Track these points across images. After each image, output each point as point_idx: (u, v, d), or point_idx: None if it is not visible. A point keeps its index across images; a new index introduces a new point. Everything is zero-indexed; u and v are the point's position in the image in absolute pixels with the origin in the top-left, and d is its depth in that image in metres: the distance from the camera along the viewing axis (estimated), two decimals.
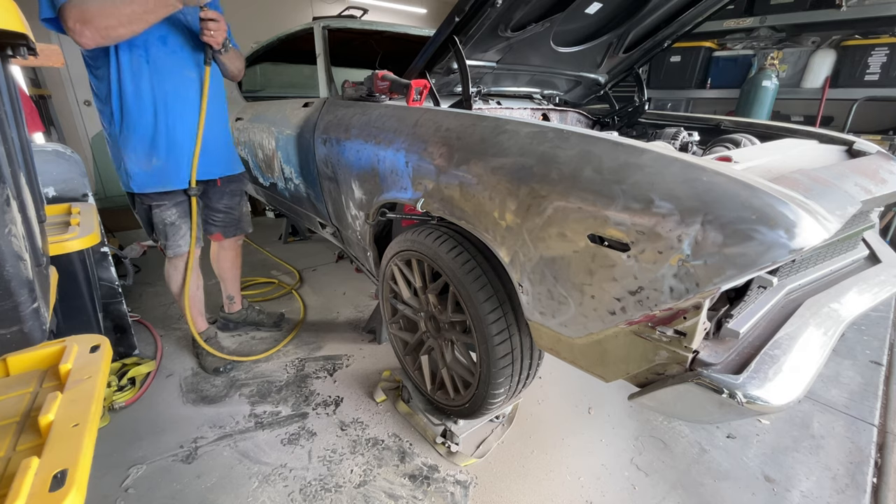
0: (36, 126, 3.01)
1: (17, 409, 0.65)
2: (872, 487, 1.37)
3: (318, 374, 1.88)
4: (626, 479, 1.39)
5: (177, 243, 1.72)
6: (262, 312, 2.27)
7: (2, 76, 0.66)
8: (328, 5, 5.40)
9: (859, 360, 1.99)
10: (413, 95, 1.47)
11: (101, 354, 0.76)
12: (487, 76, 1.92)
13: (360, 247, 1.80)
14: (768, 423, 1.61)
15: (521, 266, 1.02)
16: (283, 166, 2.14)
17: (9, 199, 0.56)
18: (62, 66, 2.66)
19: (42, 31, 3.77)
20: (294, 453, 1.46)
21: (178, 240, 1.71)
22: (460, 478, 1.38)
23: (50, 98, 3.94)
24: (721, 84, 3.91)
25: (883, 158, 1.32)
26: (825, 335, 0.90)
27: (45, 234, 0.87)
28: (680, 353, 0.81)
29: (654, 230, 0.78)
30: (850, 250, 1.28)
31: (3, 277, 0.55)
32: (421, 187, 1.27)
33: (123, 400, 1.66)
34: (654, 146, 0.90)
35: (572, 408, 1.69)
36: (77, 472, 0.51)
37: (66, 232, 1.32)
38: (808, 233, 0.70)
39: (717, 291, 0.74)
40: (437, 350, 1.49)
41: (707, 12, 1.88)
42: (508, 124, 1.11)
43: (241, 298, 2.23)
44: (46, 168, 1.58)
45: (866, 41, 3.22)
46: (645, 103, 2.25)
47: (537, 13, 1.55)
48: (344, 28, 2.04)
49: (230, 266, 2.09)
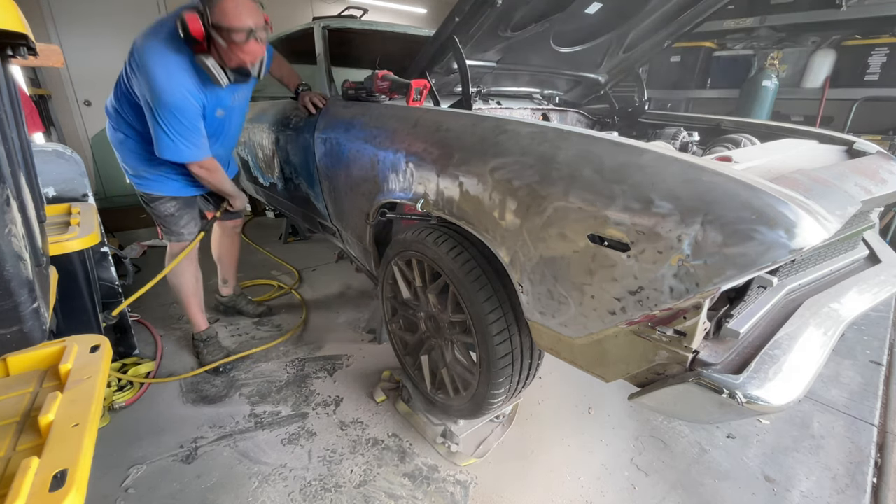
0: (36, 126, 3.01)
1: (17, 409, 0.65)
2: (872, 487, 1.37)
3: (318, 374, 1.88)
4: (626, 479, 1.39)
5: (178, 232, 1.79)
6: (250, 302, 2.37)
7: (2, 76, 0.66)
8: (328, 5, 5.39)
9: (859, 360, 1.99)
10: (413, 95, 1.47)
11: (101, 354, 0.76)
12: (487, 76, 1.92)
13: (360, 247, 1.80)
14: (768, 423, 1.61)
15: (521, 266, 1.02)
16: (283, 166, 2.14)
17: (9, 199, 0.56)
18: (62, 66, 2.65)
19: (42, 31, 3.78)
20: (294, 453, 1.46)
21: (179, 228, 1.79)
22: (460, 478, 1.38)
23: (50, 98, 3.94)
24: (721, 84, 3.91)
25: (883, 158, 1.32)
26: (825, 335, 0.90)
27: (45, 234, 0.87)
28: (680, 353, 0.81)
29: (655, 230, 0.78)
30: (850, 250, 1.28)
31: (3, 277, 0.55)
32: (421, 187, 1.27)
33: (123, 400, 1.66)
34: (654, 146, 0.90)
35: (572, 408, 1.69)
36: (77, 472, 0.51)
37: (66, 232, 1.31)
38: (808, 233, 0.70)
39: (717, 291, 0.74)
40: (437, 350, 1.49)
41: (707, 12, 1.88)
42: (509, 124, 1.11)
43: (234, 284, 2.32)
44: (46, 168, 1.58)
45: (866, 41, 3.22)
46: (645, 103, 2.25)
47: (537, 13, 1.55)
48: (344, 28, 2.04)
49: (227, 251, 2.21)
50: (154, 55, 1.40)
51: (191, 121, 1.48)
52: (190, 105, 1.46)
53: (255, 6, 1.42)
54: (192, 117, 1.48)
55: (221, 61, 1.45)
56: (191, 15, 1.34)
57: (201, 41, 1.39)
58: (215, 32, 1.37)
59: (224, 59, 1.44)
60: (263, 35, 1.45)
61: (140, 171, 1.68)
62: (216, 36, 1.37)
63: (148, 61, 1.39)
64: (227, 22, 1.35)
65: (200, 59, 1.41)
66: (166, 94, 1.40)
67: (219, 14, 1.35)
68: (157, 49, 1.40)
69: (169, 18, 1.45)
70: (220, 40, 1.38)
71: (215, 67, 1.43)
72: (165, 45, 1.41)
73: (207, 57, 1.42)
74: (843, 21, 3.22)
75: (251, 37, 1.40)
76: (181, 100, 1.43)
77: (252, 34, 1.40)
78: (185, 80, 1.43)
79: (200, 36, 1.36)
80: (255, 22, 1.40)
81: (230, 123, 1.76)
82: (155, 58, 1.40)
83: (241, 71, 1.50)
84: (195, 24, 1.34)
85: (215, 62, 1.43)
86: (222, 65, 1.46)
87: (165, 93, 1.40)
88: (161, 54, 1.40)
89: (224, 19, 1.35)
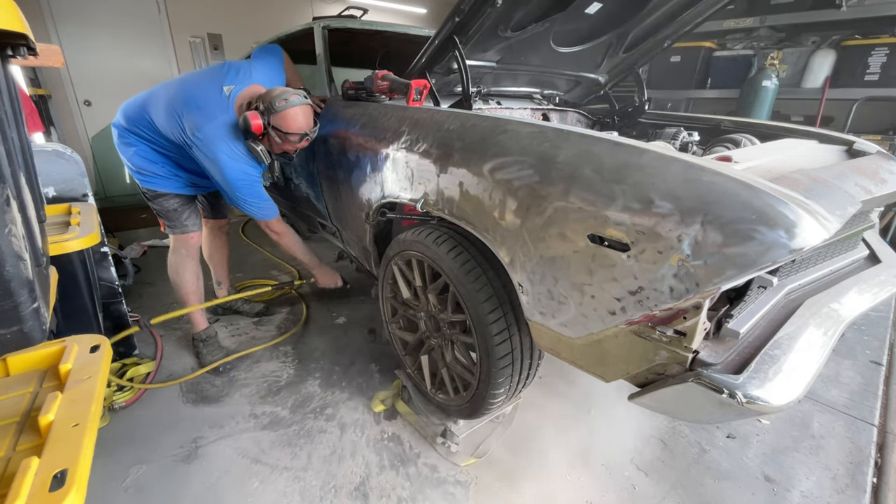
0: (36, 126, 3.01)
1: (17, 409, 0.65)
2: (872, 487, 1.37)
3: (318, 374, 1.88)
4: (626, 479, 1.38)
5: (181, 224, 1.84)
6: (247, 302, 2.39)
7: (2, 76, 0.66)
8: (328, 5, 5.39)
9: (859, 360, 1.99)
10: (413, 95, 1.47)
11: (101, 354, 0.76)
12: (487, 76, 1.92)
13: (360, 247, 1.80)
14: (768, 423, 1.61)
15: (521, 266, 1.02)
16: (284, 166, 2.14)
17: (9, 199, 0.56)
18: (62, 66, 2.65)
19: (42, 31, 3.78)
20: (294, 453, 1.46)
21: (182, 221, 1.85)
22: (460, 478, 1.38)
23: (50, 98, 3.94)
24: (721, 84, 3.91)
25: (883, 158, 1.32)
26: (825, 335, 0.90)
27: (45, 234, 0.87)
28: (680, 353, 0.81)
29: (654, 230, 0.78)
30: (850, 250, 1.28)
31: (3, 277, 0.55)
32: (421, 187, 1.27)
33: (123, 400, 1.66)
34: (654, 146, 0.90)
35: (572, 408, 1.69)
36: (77, 472, 0.51)
37: (66, 232, 1.31)
38: (808, 233, 0.70)
39: (717, 291, 0.74)
40: (437, 350, 1.49)
41: (707, 12, 1.88)
42: (509, 124, 1.11)
43: (228, 284, 2.34)
44: (46, 168, 1.58)
45: (866, 41, 3.22)
46: (645, 103, 2.25)
47: (537, 13, 1.55)
48: (344, 28, 2.04)
49: (217, 249, 2.25)
50: (221, 139, 1.56)
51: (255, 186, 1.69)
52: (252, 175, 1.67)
53: (311, 111, 1.61)
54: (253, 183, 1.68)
55: (270, 147, 1.62)
56: (253, 115, 1.49)
57: (259, 137, 1.57)
58: (273, 132, 1.54)
59: (273, 148, 1.63)
60: (314, 135, 1.63)
61: (144, 169, 1.73)
62: (273, 134, 1.55)
63: (216, 139, 1.56)
64: (289, 128, 1.53)
65: (251, 145, 1.58)
66: (235, 170, 1.60)
67: (281, 119, 1.51)
68: (222, 134, 1.57)
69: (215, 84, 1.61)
70: (277, 138, 1.56)
71: (263, 153, 1.60)
72: (227, 132, 1.58)
73: (258, 143, 1.58)
74: (843, 21, 3.22)
75: (304, 139, 1.58)
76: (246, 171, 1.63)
77: (305, 137, 1.58)
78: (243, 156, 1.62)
79: (260, 132, 1.53)
80: (309, 127, 1.58)
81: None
82: (222, 141, 1.56)
83: (285, 156, 1.69)
84: (257, 122, 1.50)
85: (265, 148, 1.60)
86: (269, 150, 1.63)
87: (235, 169, 1.60)
88: (226, 138, 1.57)
89: (285, 125, 1.52)
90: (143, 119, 1.66)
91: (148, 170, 1.72)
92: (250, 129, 1.50)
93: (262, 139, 1.59)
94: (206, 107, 1.57)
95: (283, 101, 1.50)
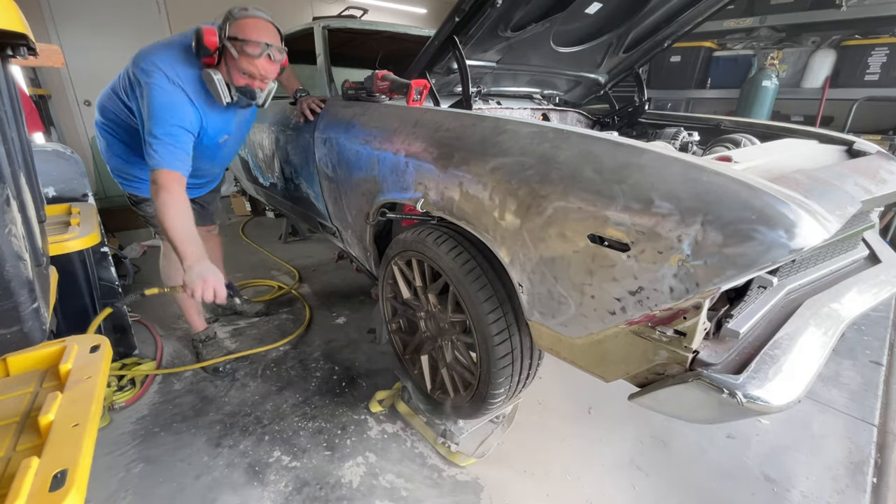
0: (36, 126, 3.02)
1: (17, 409, 0.65)
2: (872, 487, 1.37)
3: (318, 374, 1.88)
4: (626, 479, 1.38)
5: None
6: (247, 301, 2.39)
7: (2, 76, 0.66)
8: (328, 5, 5.39)
9: (859, 360, 1.99)
10: (413, 95, 1.47)
11: (101, 354, 0.76)
12: (487, 76, 1.92)
13: (360, 247, 1.80)
14: (768, 423, 1.61)
15: (521, 266, 1.02)
16: (283, 166, 2.14)
17: (9, 199, 0.56)
18: (62, 66, 2.65)
19: (42, 31, 3.78)
20: (295, 454, 1.46)
21: None
22: (461, 478, 1.38)
23: (50, 98, 3.94)
24: (721, 84, 3.91)
25: (883, 158, 1.32)
26: (825, 335, 0.90)
27: (45, 234, 0.87)
28: (680, 353, 0.81)
29: (655, 230, 0.78)
30: (850, 250, 1.28)
31: (3, 277, 0.55)
32: (421, 187, 1.27)
33: (123, 400, 1.66)
34: (654, 146, 0.90)
35: (572, 408, 1.69)
36: (77, 472, 0.51)
37: (66, 232, 1.32)
38: (808, 233, 0.70)
39: (717, 291, 0.74)
40: (437, 350, 1.49)
41: (707, 12, 1.88)
42: (509, 124, 1.11)
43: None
44: (46, 168, 1.58)
45: (866, 41, 3.22)
46: (645, 103, 2.24)
47: (537, 13, 1.55)
48: (344, 28, 2.04)
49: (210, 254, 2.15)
50: (164, 61, 1.37)
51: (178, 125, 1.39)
52: (186, 111, 1.40)
53: (276, 31, 1.42)
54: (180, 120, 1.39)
55: (229, 78, 1.42)
56: (208, 28, 1.33)
57: (213, 53, 1.37)
58: (230, 43, 1.35)
59: (232, 77, 1.42)
60: (279, 57, 1.43)
61: (123, 172, 1.67)
62: (230, 47, 1.35)
63: (158, 62, 1.37)
64: (245, 34, 1.34)
65: (207, 72, 1.39)
66: (166, 93, 1.36)
67: (237, 27, 1.34)
68: (167, 57, 1.38)
69: (180, 35, 1.45)
70: (233, 51, 1.35)
71: (220, 83, 1.40)
72: (176, 55, 1.39)
73: (215, 72, 1.40)
74: (843, 21, 3.22)
75: (265, 52, 1.37)
76: (179, 102, 1.39)
77: (268, 49, 1.37)
78: (189, 86, 1.41)
79: (213, 47, 1.35)
80: (272, 41, 1.38)
81: (227, 148, 1.75)
82: (165, 62, 1.37)
83: (246, 92, 1.46)
84: (210, 37, 1.33)
85: (222, 78, 1.41)
86: (228, 83, 1.43)
87: (165, 92, 1.36)
88: (171, 61, 1.38)
89: (241, 32, 1.34)
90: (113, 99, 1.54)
91: (128, 172, 1.66)
92: (202, 44, 1.33)
93: (219, 67, 1.41)
94: (156, 44, 1.43)
95: (244, 10, 1.35)
